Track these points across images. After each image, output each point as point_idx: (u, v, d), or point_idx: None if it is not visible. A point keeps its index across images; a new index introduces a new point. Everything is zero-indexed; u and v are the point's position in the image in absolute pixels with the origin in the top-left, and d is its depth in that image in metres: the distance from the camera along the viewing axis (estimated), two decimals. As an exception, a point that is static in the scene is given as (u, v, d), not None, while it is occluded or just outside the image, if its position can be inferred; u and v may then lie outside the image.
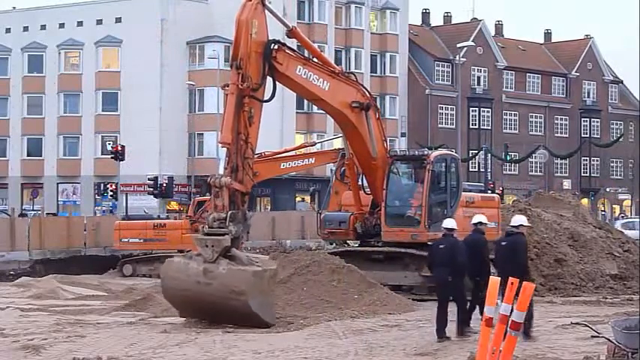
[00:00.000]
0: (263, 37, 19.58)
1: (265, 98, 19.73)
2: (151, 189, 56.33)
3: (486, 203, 25.65)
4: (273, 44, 19.81)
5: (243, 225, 18.86)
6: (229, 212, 18.57)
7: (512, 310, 10.51)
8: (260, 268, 18.40)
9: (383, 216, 24.12)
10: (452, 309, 16.51)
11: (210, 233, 18.59)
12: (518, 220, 16.95)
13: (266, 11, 19.78)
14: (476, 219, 17.96)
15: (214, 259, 18.21)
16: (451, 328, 16.44)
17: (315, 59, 22.28)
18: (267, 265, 18.86)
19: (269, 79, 19.75)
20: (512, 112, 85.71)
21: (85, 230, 39.82)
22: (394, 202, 24.33)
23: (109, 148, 63.49)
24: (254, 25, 19.22)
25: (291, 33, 21.77)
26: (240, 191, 19.01)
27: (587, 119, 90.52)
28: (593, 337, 12.58)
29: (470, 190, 27.10)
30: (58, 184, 74.25)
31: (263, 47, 19.56)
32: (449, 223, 17.34)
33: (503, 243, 16.76)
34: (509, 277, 10.65)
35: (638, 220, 52.41)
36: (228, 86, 19.36)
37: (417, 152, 26.24)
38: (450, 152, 29.04)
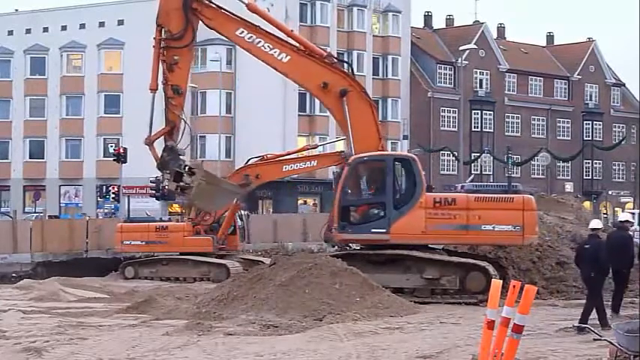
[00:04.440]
0: None
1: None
2: (153, 191, 56.29)
3: (488, 204, 24.19)
4: None
5: (173, 159, 22.75)
6: (158, 163, 22.44)
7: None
8: (197, 184, 22.19)
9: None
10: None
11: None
12: (626, 215, 19.60)
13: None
14: (622, 217, 20.37)
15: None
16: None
17: (285, 36, 23.65)
18: (199, 175, 22.53)
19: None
20: (515, 115, 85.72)
21: (87, 233, 39.80)
22: (342, 203, 24.07)
23: (111, 150, 63.55)
24: None
25: (248, 7, 22.99)
26: (164, 131, 22.56)
27: (590, 122, 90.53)
28: (595, 340, 12.57)
29: (485, 191, 26.16)
30: (60, 186, 74.31)
31: (182, 1, 22.41)
32: (594, 223, 18.55)
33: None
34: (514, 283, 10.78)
35: None
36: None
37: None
38: (398, 153, 28.65)
